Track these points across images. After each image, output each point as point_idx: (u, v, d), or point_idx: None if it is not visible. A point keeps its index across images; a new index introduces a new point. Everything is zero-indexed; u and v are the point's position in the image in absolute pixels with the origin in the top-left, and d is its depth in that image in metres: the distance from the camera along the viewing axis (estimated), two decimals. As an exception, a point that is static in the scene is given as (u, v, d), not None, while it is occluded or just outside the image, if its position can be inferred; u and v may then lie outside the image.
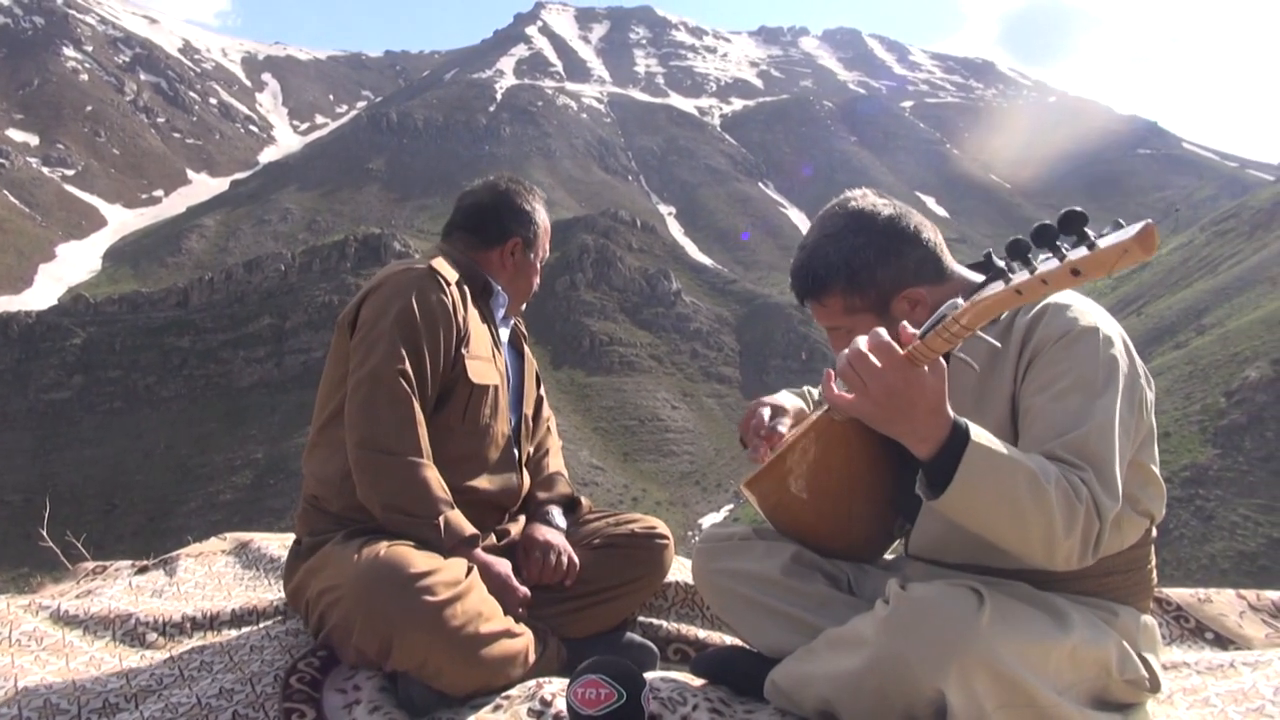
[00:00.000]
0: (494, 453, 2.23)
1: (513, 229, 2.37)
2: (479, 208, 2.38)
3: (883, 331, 1.41)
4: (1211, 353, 51.08)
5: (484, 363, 2.20)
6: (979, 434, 1.41)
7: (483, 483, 2.19)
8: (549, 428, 2.57)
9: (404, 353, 2.04)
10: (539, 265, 2.45)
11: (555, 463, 2.50)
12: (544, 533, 2.22)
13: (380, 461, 1.98)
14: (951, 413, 1.42)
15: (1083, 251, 1.21)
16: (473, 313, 2.23)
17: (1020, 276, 1.28)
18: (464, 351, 2.14)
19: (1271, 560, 35.90)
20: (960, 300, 1.37)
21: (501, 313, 2.37)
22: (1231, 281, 68.15)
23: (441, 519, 1.97)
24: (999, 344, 1.55)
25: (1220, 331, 55.31)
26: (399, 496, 1.97)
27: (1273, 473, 40.60)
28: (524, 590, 2.05)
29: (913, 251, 1.73)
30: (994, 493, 1.39)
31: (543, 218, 2.44)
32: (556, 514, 2.32)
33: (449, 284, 2.16)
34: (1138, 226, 1.18)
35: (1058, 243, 1.24)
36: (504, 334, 2.39)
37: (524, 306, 2.50)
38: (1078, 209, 1.24)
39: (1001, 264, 1.32)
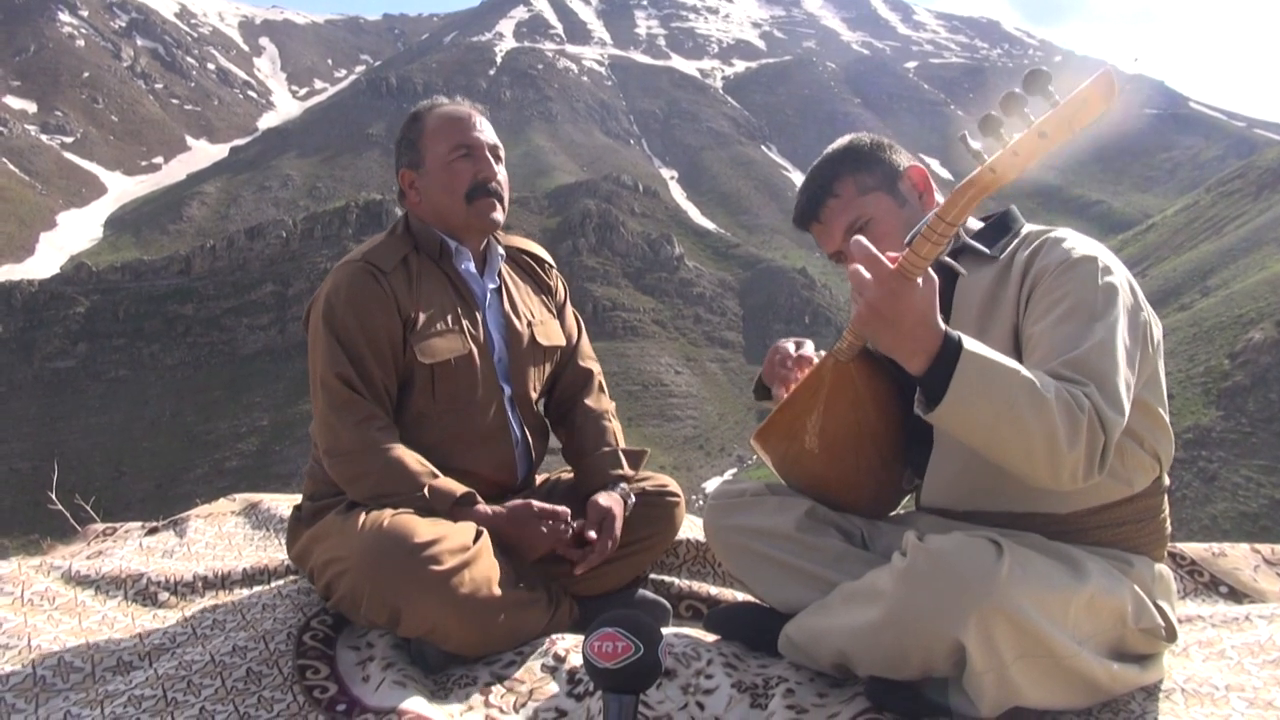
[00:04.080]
0: (482, 426, 2.12)
1: (399, 166, 2.18)
2: None
3: (866, 242, 1.40)
4: (1216, 314, 51.01)
5: (442, 336, 2.06)
6: (972, 344, 1.40)
7: (473, 462, 2.09)
8: (591, 380, 2.39)
9: (342, 355, 1.98)
10: (449, 167, 2.10)
11: (600, 404, 2.36)
12: (619, 507, 2.11)
13: (348, 463, 1.96)
14: (943, 325, 1.41)
15: (1046, 112, 1.25)
16: (427, 287, 2.10)
17: (993, 155, 1.30)
18: (410, 336, 2.03)
19: (1273, 521, 36.11)
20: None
21: (469, 265, 2.17)
22: (1237, 243, 67.82)
23: (425, 488, 1.92)
24: (989, 251, 1.61)
25: (1225, 293, 55.17)
26: (379, 485, 1.93)
27: (1275, 434, 40.71)
28: (562, 520, 1.98)
29: (903, 151, 1.87)
30: (990, 401, 1.38)
31: (431, 121, 2.14)
32: (632, 496, 2.19)
33: (383, 272, 2.04)
34: (1094, 75, 1.20)
35: (1025, 110, 1.26)
36: (489, 285, 2.21)
37: (497, 220, 2.15)
38: (1041, 68, 1.25)
39: (977, 147, 1.32)
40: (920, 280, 1.38)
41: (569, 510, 2.02)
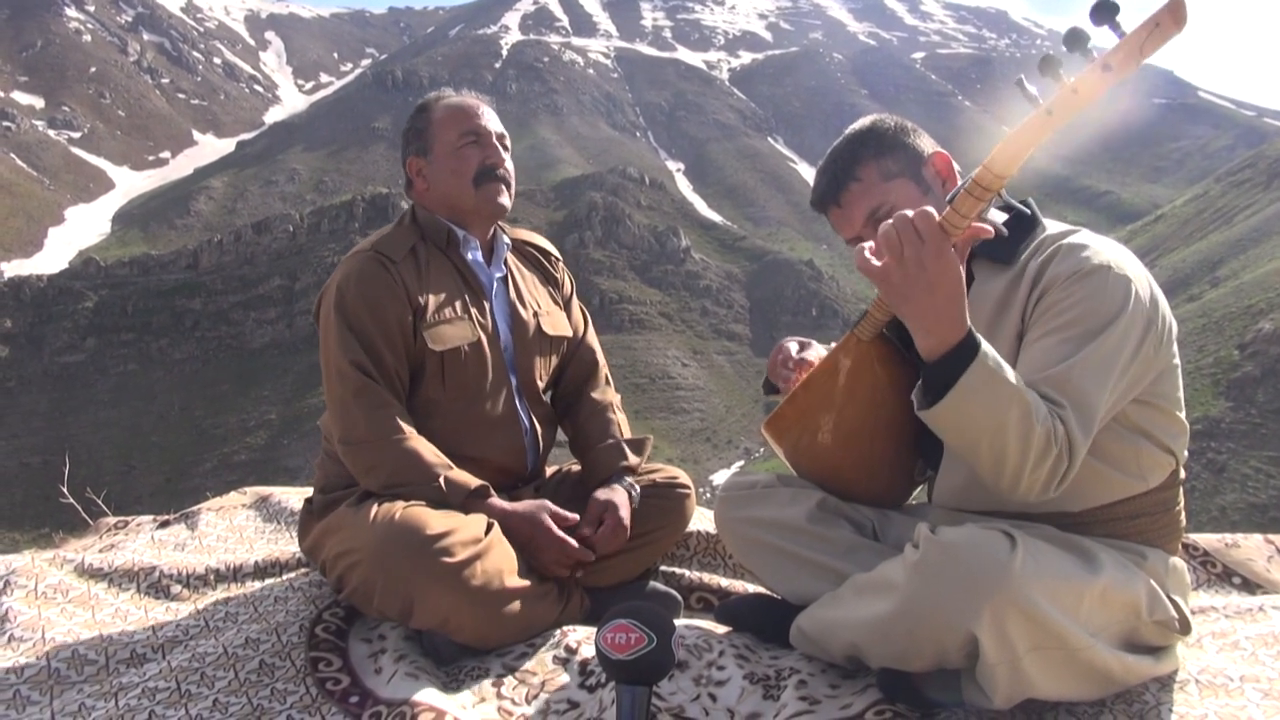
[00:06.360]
0: (491, 414, 2.14)
1: (406, 155, 2.22)
2: None
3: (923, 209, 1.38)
4: (1225, 305, 50.74)
5: (451, 324, 2.08)
6: (989, 349, 1.40)
7: (483, 449, 2.11)
8: (597, 372, 2.40)
9: (355, 342, 2.00)
10: (458, 153, 2.15)
11: (605, 396, 2.36)
12: (621, 498, 2.11)
13: (364, 452, 1.96)
14: (969, 323, 1.41)
15: (1111, 42, 1.17)
16: (435, 276, 2.12)
17: (1051, 96, 1.24)
18: (420, 324, 2.05)
19: (1283, 512, 35.93)
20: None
21: (477, 254, 2.20)
22: (1247, 233, 67.41)
23: (440, 480, 1.93)
24: (1005, 262, 1.59)
25: (1234, 283, 54.87)
26: (393, 476, 1.94)
27: (1285, 425, 40.49)
28: (573, 544, 1.98)
29: (925, 136, 1.81)
30: (985, 416, 1.39)
31: (439, 110, 2.19)
32: (636, 488, 2.19)
33: (393, 261, 2.06)
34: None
35: (1089, 47, 1.20)
36: (496, 275, 2.23)
37: (505, 205, 2.17)
38: (1112, 0, 1.17)
39: (1033, 91, 1.27)
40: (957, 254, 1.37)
41: (578, 516, 2.03)
